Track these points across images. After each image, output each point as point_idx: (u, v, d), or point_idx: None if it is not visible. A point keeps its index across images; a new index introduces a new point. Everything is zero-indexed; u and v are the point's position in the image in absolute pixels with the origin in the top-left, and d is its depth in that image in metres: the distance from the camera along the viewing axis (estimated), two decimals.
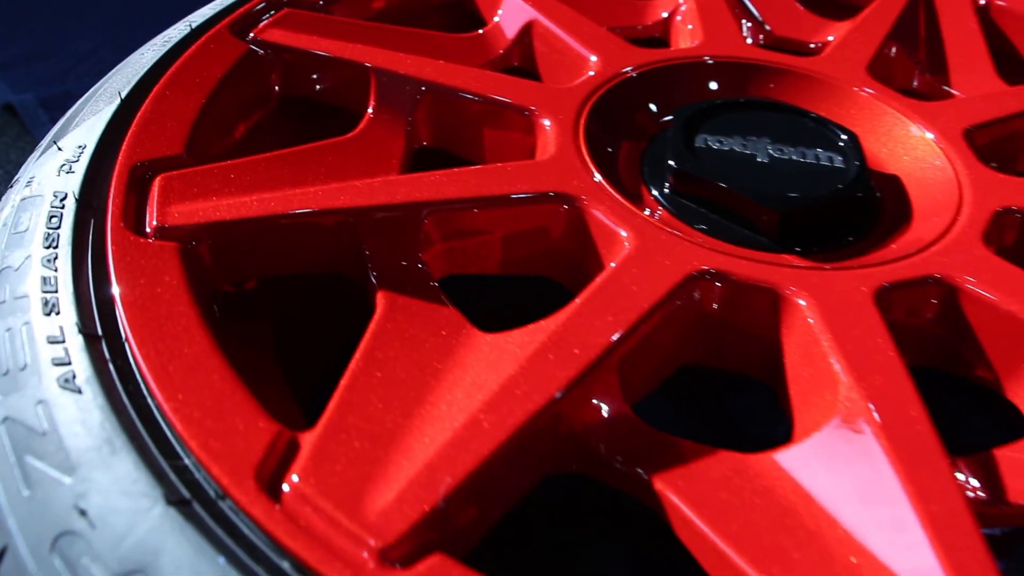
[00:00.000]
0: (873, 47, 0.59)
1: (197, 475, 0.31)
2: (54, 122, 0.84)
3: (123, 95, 0.49)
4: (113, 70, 0.55)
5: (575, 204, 0.45)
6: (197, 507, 0.30)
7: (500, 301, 0.49)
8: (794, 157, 0.50)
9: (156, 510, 0.30)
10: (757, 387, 0.43)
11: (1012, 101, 0.56)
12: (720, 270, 0.41)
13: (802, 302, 0.40)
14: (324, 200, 0.43)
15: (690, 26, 0.63)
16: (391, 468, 0.33)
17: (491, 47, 0.62)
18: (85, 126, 0.48)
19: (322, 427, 0.34)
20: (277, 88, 0.56)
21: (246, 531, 0.30)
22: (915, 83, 0.64)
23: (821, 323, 0.39)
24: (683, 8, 0.65)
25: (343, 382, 0.36)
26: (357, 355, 0.38)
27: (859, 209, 0.48)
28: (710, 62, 0.58)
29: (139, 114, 0.47)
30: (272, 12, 0.58)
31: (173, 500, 0.30)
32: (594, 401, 0.36)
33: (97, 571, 0.29)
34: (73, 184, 0.43)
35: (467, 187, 0.45)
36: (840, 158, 0.50)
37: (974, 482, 0.36)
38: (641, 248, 0.42)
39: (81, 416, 0.33)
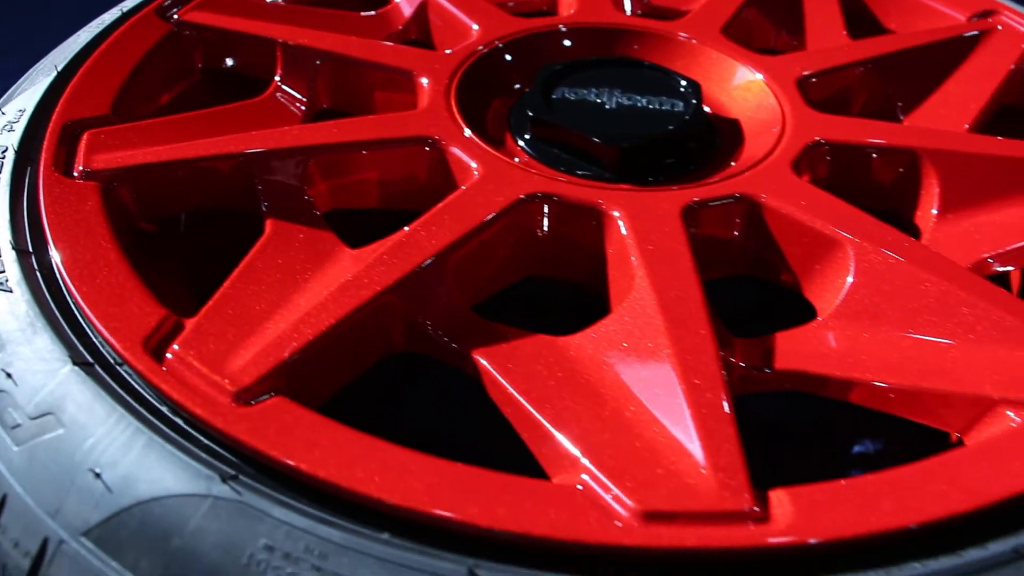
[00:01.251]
0: (729, 12, 0.69)
1: (99, 345, 0.41)
2: None
3: (59, 68, 0.59)
4: (54, 50, 0.65)
5: (437, 144, 0.55)
6: (97, 368, 0.40)
7: None
8: (639, 104, 0.60)
9: (65, 369, 0.40)
10: None
11: (843, 54, 0.65)
12: (550, 192, 0.51)
13: (616, 213, 0.50)
14: (223, 147, 0.53)
15: None
16: (251, 340, 0.42)
17: (392, 23, 0.72)
18: (25, 94, 0.58)
19: (202, 313, 0.44)
20: (200, 63, 0.67)
21: (136, 385, 0.40)
22: (774, 42, 0.74)
23: (630, 232, 0.49)
24: None
25: (225, 283, 0.46)
26: (241, 264, 0.48)
27: (692, 145, 0.58)
28: (574, 28, 0.68)
29: (72, 82, 0.57)
30: None
31: (78, 361, 0.40)
32: (425, 294, 0.45)
33: (19, 416, 0.39)
34: (13, 140, 0.53)
35: (345, 134, 0.55)
36: (680, 103, 0.60)
37: (749, 356, 0.45)
38: (486, 176, 0.52)
39: (11, 308, 0.43)
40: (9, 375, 0.40)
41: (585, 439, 0.38)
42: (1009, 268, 0.52)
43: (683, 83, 0.61)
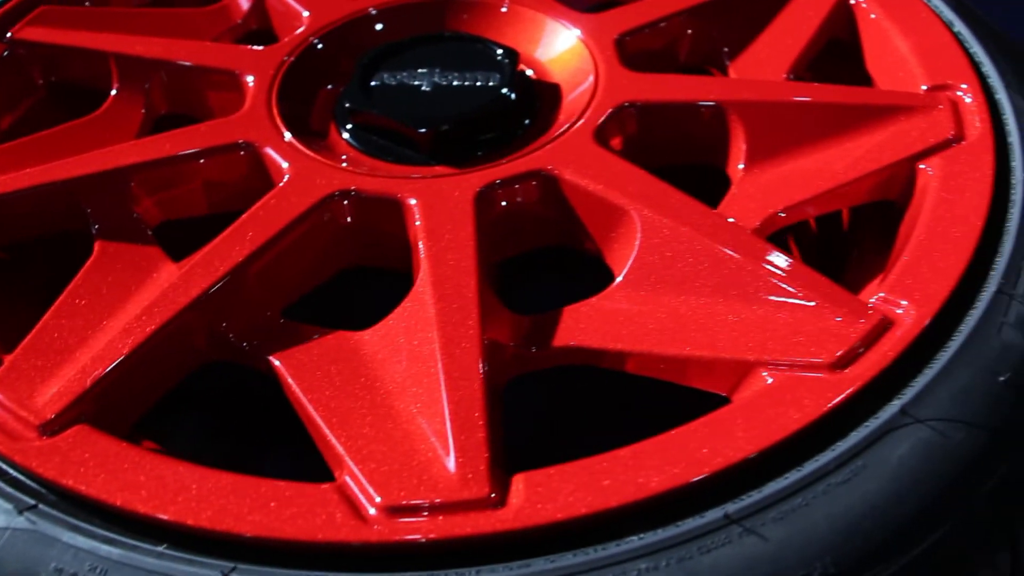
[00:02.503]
0: None
1: None
2: None
3: None
4: None
5: (252, 148, 0.57)
6: None
7: None
8: (455, 82, 0.61)
9: None
10: None
11: (665, 4, 0.66)
12: (351, 188, 0.53)
13: (412, 202, 0.52)
14: (49, 175, 0.56)
15: None
16: (62, 370, 0.46)
17: (232, 16, 0.73)
18: None
19: (19, 347, 0.47)
20: (41, 80, 0.68)
21: None
22: None
23: (422, 221, 0.51)
24: None
25: (47, 312, 0.50)
26: (64, 291, 0.51)
27: (505, 120, 0.60)
28: (395, 7, 0.69)
29: None
30: (30, 10, 0.70)
31: None
32: (226, 307, 0.49)
33: None
34: None
35: (164, 149, 0.57)
36: (497, 76, 0.61)
37: (525, 335, 0.48)
38: (293, 178, 0.54)
39: None
40: None
41: (352, 438, 0.42)
42: (806, 217, 0.55)
43: (500, 53, 0.63)
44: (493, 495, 0.39)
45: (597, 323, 0.48)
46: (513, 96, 0.60)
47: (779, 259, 0.48)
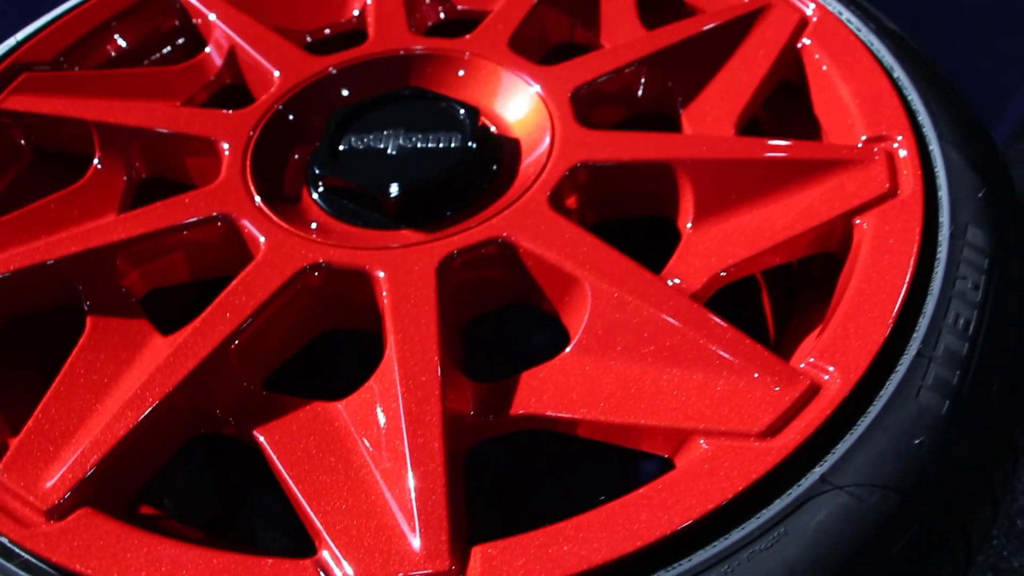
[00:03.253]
0: (515, 22, 0.73)
1: None
2: None
3: None
4: None
5: (229, 220, 0.61)
6: None
7: None
8: (418, 144, 0.65)
9: None
10: None
11: (619, 56, 0.69)
12: (322, 261, 0.57)
13: (380, 274, 0.56)
14: (38, 256, 0.60)
15: (370, 19, 0.76)
16: (63, 453, 0.50)
17: (207, 72, 0.76)
18: None
19: (23, 431, 0.52)
20: (27, 145, 0.72)
21: None
22: (572, 36, 0.78)
23: (389, 295, 0.55)
24: (368, 4, 0.78)
25: (47, 394, 0.54)
26: (61, 370, 0.55)
27: (467, 183, 0.63)
28: (362, 65, 0.72)
29: None
30: (13, 78, 0.73)
31: None
32: (210, 385, 0.53)
33: None
34: None
35: (147, 224, 0.61)
36: (458, 137, 0.65)
37: (482, 405, 0.52)
38: (268, 251, 0.58)
39: None
40: None
41: (329, 513, 0.47)
42: (751, 273, 0.59)
43: (462, 112, 0.66)
44: (453, 567, 0.43)
45: (550, 391, 0.52)
46: (474, 160, 0.63)
47: (717, 327, 0.52)
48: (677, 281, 0.56)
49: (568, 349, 0.54)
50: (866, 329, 0.51)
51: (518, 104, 0.69)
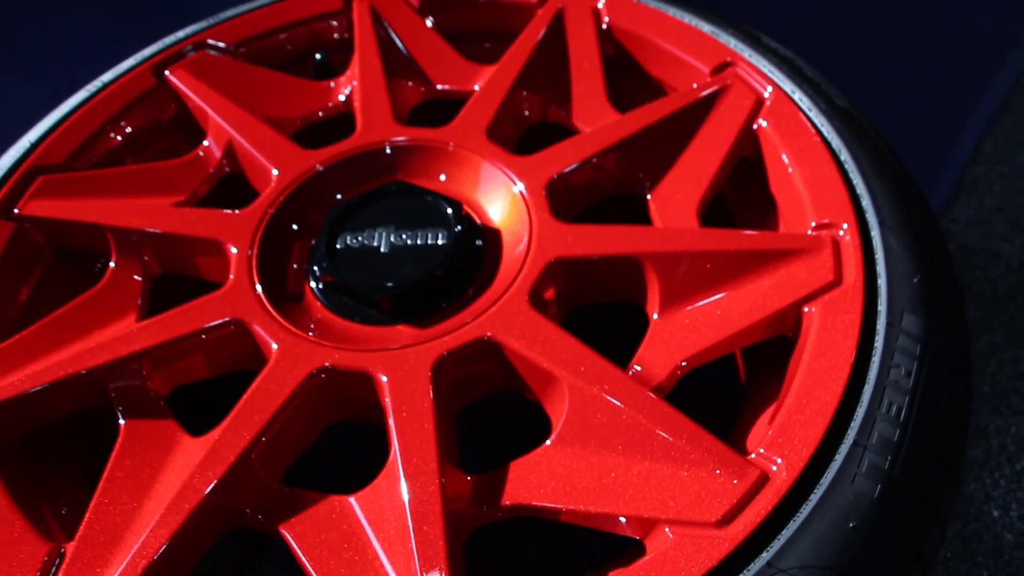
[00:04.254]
0: (492, 111, 0.80)
1: None
2: None
3: None
4: None
5: (241, 324, 0.69)
6: None
7: None
8: (408, 241, 0.72)
9: None
10: None
11: (590, 145, 0.76)
12: (328, 364, 0.65)
13: (383, 378, 0.64)
14: (70, 368, 0.67)
15: (356, 104, 0.83)
16: (115, 558, 0.59)
17: (209, 162, 0.83)
18: None
19: (76, 538, 0.60)
20: (47, 248, 0.79)
21: None
22: (548, 115, 0.84)
23: (391, 395, 0.63)
24: (354, 89, 0.85)
25: (93, 498, 0.62)
26: (103, 476, 0.63)
27: (452, 279, 0.71)
28: (352, 159, 0.79)
29: None
30: (30, 181, 0.80)
31: None
32: (235, 488, 0.61)
33: None
34: None
35: (168, 331, 0.69)
36: (444, 233, 0.72)
37: (476, 497, 0.60)
38: (279, 358, 0.66)
39: None
40: None
41: None
42: (710, 360, 0.66)
43: (448, 210, 0.73)
44: None
45: (535, 483, 0.60)
46: (461, 258, 0.71)
47: (680, 422, 0.60)
48: (643, 372, 0.64)
49: (549, 441, 0.62)
50: (810, 420, 0.59)
51: (498, 198, 0.76)
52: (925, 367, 0.61)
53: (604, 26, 0.88)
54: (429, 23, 0.93)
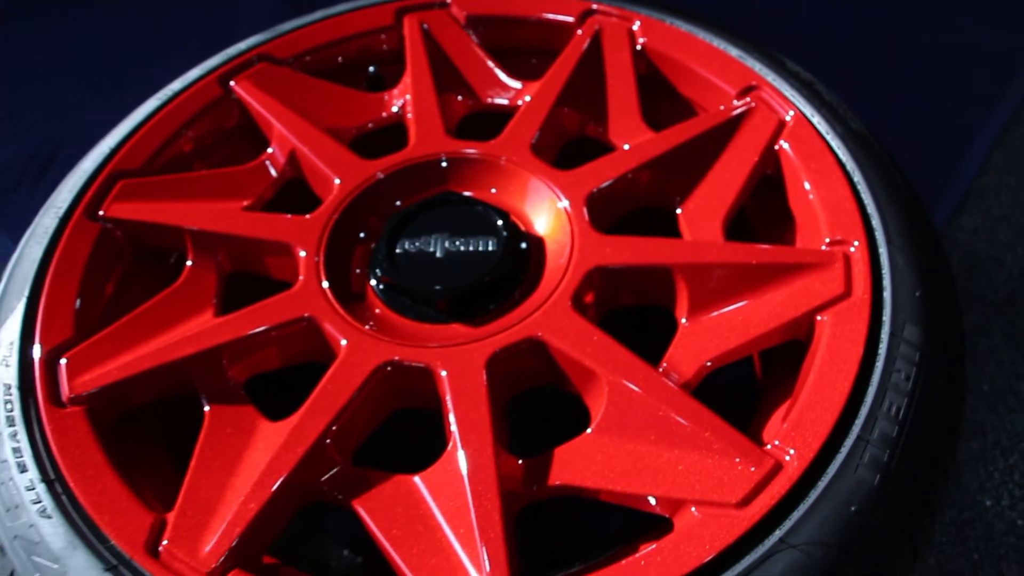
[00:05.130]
0: (536, 126, 0.90)
1: (121, 552, 0.69)
2: None
3: (26, 295, 0.83)
4: (13, 260, 0.88)
5: (312, 321, 0.79)
6: (122, 569, 0.68)
7: None
8: (460, 248, 0.83)
9: (101, 573, 0.68)
10: None
11: (625, 162, 0.86)
12: (394, 359, 0.76)
13: (443, 373, 0.75)
14: (161, 358, 0.78)
15: (409, 118, 0.94)
16: (210, 526, 0.70)
17: (274, 169, 0.94)
18: (8, 323, 0.82)
19: (175, 509, 0.71)
20: (128, 247, 0.90)
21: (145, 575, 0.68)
22: (586, 131, 0.94)
23: (450, 387, 0.74)
24: (406, 102, 0.95)
25: (187, 475, 0.73)
26: (194, 455, 0.74)
27: (502, 284, 0.82)
28: (409, 169, 0.90)
29: (40, 311, 0.81)
30: (112, 186, 0.90)
31: (108, 568, 0.68)
32: (313, 467, 0.72)
33: None
34: (13, 376, 0.78)
35: (247, 326, 0.79)
36: (493, 241, 0.83)
37: (526, 479, 0.71)
38: (349, 352, 0.77)
39: (55, 531, 0.70)
40: None
41: (417, 564, 0.66)
42: (732, 361, 0.77)
43: (497, 219, 0.84)
44: None
45: (577, 466, 0.71)
46: (510, 265, 0.82)
47: (705, 416, 0.71)
48: (671, 370, 0.75)
49: (589, 430, 0.73)
50: (819, 417, 0.69)
51: (543, 209, 0.86)
52: (923, 373, 0.72)
53: (638, 47, 0.98)
54: (475, 40, 1.03)
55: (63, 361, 0.79)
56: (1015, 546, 0.95)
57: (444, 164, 0.90)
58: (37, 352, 0.79)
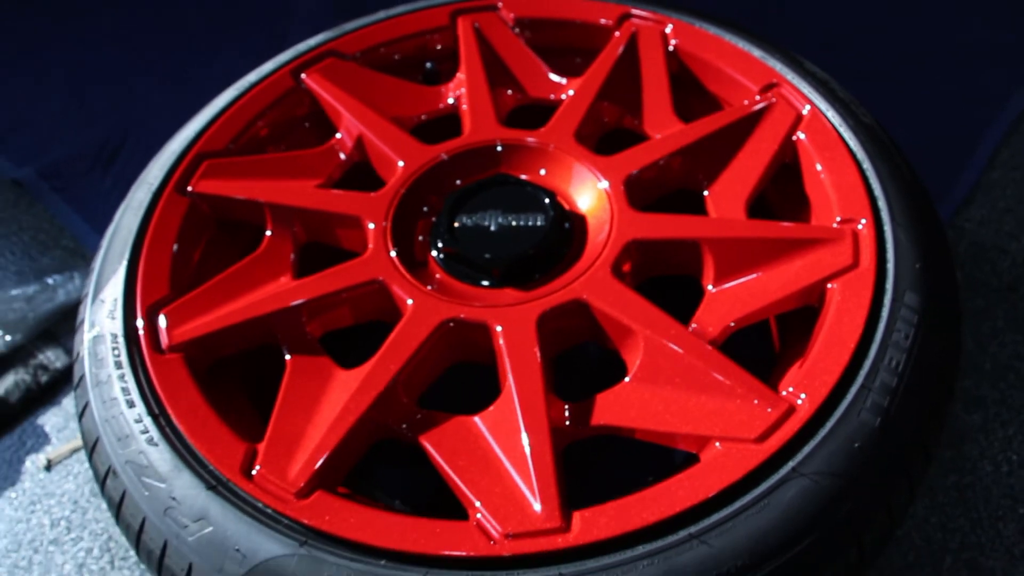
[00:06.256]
0: (579, 117, 1.03)
1: (218, 475, 0.82)
2: (55, 190, 1.39)
3: (127, 257, 0.97)
4: (111, 228, 1.02)
5: (382, 284, 0.93)
6: (221, 489, 0.82)
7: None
8: (512, 223, 0.96)
9: (204, 492, 0.81)
10: None
11: (659, 149, 1.00)
12: (455, 316, 0.89)
13: (498, 328, 0.88)
14: (248, 313, 0.92)
15: (465, 108, 1.08)
16: (297, 454, 0.83)
17: (342, 152, 1.08)
18: (112, 282, 0.96)
19: (265, 440, 0.85)
20: (213, 218, 1.04)
21: (241, 495, 0.81)
22: (623, 122, 1.08)
23: (504, 340, 0.87)
24: (462, 94, 1.09)
25: (273, 413, 0.87)
26: (279, 396, 0.88)
27: (549, 254, 0.95)
28: (466, 153, 1.04)
29: (139, 272, 0.96)
30: (198, 166, 1.04)
31: (209, 487, 0.82)
32: (386, 407, 0.85)
33: (186, 521, 0.81)
34: (118, 326, 0.92)
35: (324, 287, 0.93)
36: (541, 217, 0.96)
37: (572, 418, 0.84)
38: (414, 311, 0.90)
39: (162, 457, 0.84)
40: (174, 497, 0.82)
41: (480, 491, 0.80)
42: (754, 322, 0.90)
43: (544, 198, 0.97)
44: (563, 525, 0.76)
45: (617, 409, 0.85)
46: (557, 237, 0.95)
47: (729, 367, 0.84)
48: (700, 329, 0.88)
49: (627, 379, 0.86)
50: (828, 368, 0.82)
51: (586, 190, 1.00)
52: (921, 333, 0.85)
53: (671, 48, 1.12)
54: (523, 39, 1.17)
55: (162, 315, 0.93)
56: (1011, 508, 1.07)
57: (499, 149, 1.04)
58: (139, 307, 0.93)
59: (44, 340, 1.29)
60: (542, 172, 1.04)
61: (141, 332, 0.92)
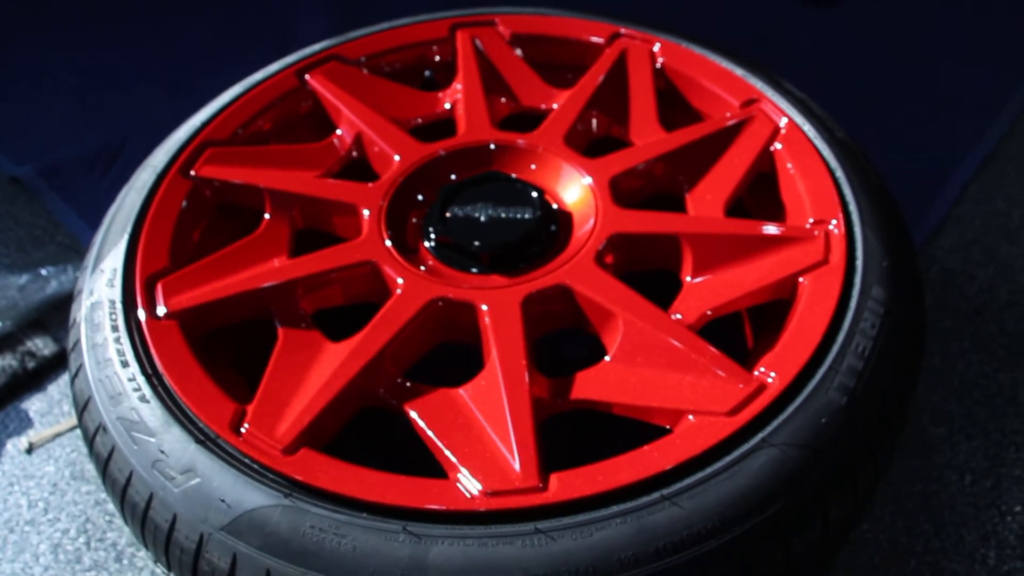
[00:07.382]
0: (568, 123, 1.10)
1: (206, 430, 0.86)
2: (54, 188, 1.43)
3: (128, 232, 1.02)
4: (114, 207, 1.07)
5: (374, 265, 0.98)
6: (209, 444, 0.85)
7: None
8: (502, 215, 1.02)
9: (192, 446, 0.85)
10: None
11: (643, 153, 1.07)
12: (444, 296, 0.94)
13: (484, 307, 0.93)
14: (244, 286, 0.97)
15: (460, 112, 1.14)
16: (285, 415, 0.87)
17: (341, 147, 1.14)
18: (112, 254, 1.01)
19: (255, 401, 0.88)
20: (214, 203, 1.09)
21: (229, 449, 0.85)
22: (611, 131, 1.15)
23: (490, 319, 0.92)
24: (458, 99, 1.16)
25: (264, 377, 0.91)
26: (270, 363, 0.92)
27: (535, 244, 1.01)
28: (460, 152, 1.10)
29: (140, 246, 1.00)
30: (202, 152, 1.10)
31: (198, 441, 0.85)
32: (374, 375, 0.90)
33: (173, 473, 0.84)
34: (116, 294, 0.97)
35: (318, 265, 0.98)
36: (529, 211, 1.02)
37: (552, 393, 0.89)
38: (405, 289, 0.95)
39: (152, 413, 0.88)
40: (163, 451, 0.86)
41: (462, 455, 0.84)
42: (729, 312, 0.96)
43: (533, 194, 1.03)
44: (540, 485, 0.80)
45: (596, 385, 0.89)
46: (542, 229, 1.01)
47: (704, 347, 0.89)
48: (679, 316, 0.94)
49: (607, 358, 0.91)
50: (798, 352, 0.88)
51: (573, 188, 1.06)
52: (887, 323, 0.91)
53: (658, 65, 1.20)
54: (518, 53, 1.24)
55: (160, 284, 0.97)
56: (973, 515, 1.11)
57: (492, 148, 1.10)
58: (138, 276, 0.98)
59: (33, 328, 1.33)
60: (532, 167, 1.10)
61: (139, 298, 0.96)
